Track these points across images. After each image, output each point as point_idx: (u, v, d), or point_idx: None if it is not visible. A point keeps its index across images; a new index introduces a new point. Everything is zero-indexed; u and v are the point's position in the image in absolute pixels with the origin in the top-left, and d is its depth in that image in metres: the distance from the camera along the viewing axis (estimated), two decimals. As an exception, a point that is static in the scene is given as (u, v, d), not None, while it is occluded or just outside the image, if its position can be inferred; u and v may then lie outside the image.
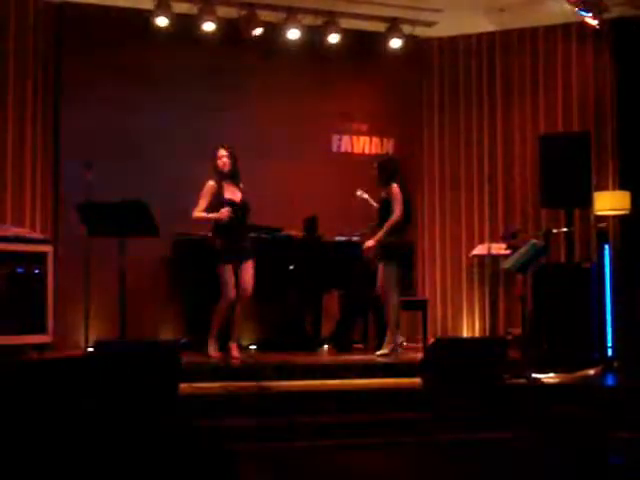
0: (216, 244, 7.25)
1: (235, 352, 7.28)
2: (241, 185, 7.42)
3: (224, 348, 7.38)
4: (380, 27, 9.62)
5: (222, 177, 7.36)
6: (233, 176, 7.39)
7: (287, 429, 5.07)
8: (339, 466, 4.55)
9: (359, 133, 9.89)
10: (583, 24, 8.98)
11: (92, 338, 7.27)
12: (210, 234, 7.47)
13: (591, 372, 7.08)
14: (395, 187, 7.78)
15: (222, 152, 7.41)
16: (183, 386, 5.53)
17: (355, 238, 8.60)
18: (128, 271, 6.99)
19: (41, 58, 8.75)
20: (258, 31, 9.10)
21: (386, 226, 7.71)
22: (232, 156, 7.40)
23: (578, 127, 9.47)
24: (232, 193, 7.34)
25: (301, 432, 5.04)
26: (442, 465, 4.62)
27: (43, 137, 8.73)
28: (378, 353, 7.66)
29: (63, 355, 7.37)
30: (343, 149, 9.81)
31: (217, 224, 7.26)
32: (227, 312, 7.22)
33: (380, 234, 7.72)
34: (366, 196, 8.25)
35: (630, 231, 9.07)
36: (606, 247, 8.52)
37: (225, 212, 7.15)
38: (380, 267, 7.77)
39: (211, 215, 7.25)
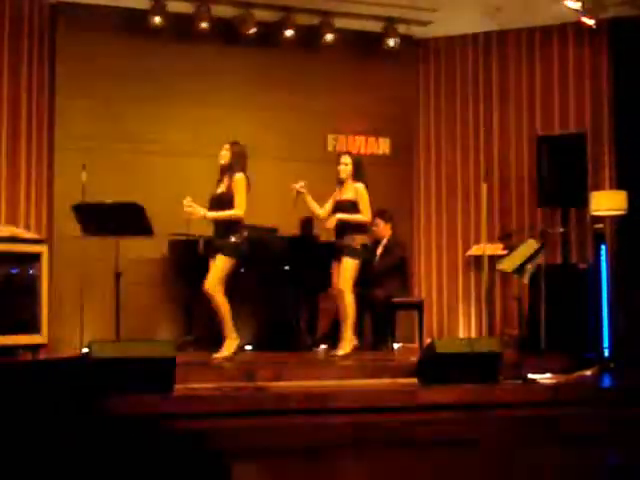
0: None
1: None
2: (229, 178, 7.17)
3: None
4: (376, 27, 9.62)
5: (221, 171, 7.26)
6: (228, 169, 7.23)
7: (284, 430, 5.05)
8: (338, 467, 4.54)
9: (355, 133, 9.88)
10: (580, 24, 8.98)
11: (87, 339, 7.24)
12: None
13: (587, 373, 7.06)
14: (363, 187, 7.60)
15: (224, 146, 7.28)
16: (178, 387, 5.50)
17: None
18: (125, 271, 6.98)
19: (36, 57, 8.74)
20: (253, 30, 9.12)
21: (355, 217, 7.48)
22: (231, 151, 7.23)
23: (575, 127, 9.47)
24: (218, 187, 7.25)
25: (297, 433, 5.02)
26: (439, 467, 4.61)
27: (38, 137, 8.72)
28: (340, 353, 7.53)
29: (57, 356, 7.34)
30: (339, 149, 9.78)
31: None
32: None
33: (345, 216, 7.47)
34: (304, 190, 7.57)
35: (626, 231, 9.06)
36: (602, 247, 8.50)
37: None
38: (343, 264, 7.47)
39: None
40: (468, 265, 9.86)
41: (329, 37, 9.38)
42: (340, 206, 7.61)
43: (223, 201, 7.09)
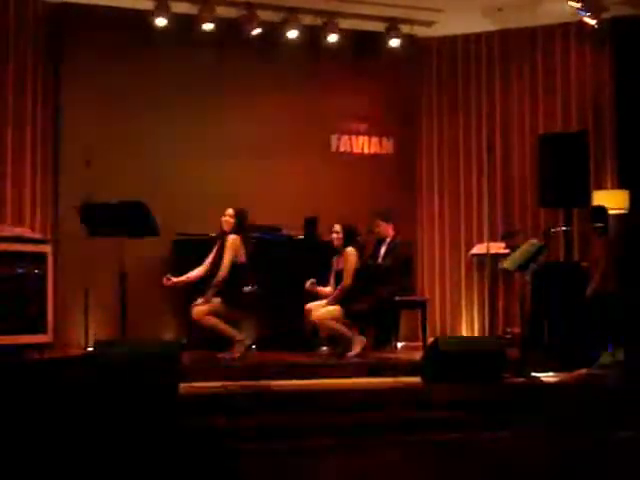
0: None
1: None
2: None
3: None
4: (379, 27, 9.63)
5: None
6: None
7: (287, 429, 5.08)
8: (339, 466, 4.56)
9: (358, 133, 9.90)
10: (582, 23, 9.00)
11: (92, 338, 7.29)
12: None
13: (590, 371, 7.08)
14: (351, 251, 7.75)
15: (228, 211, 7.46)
16: (183, 386, 5.54)
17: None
18: (128, 271, 7.01)
19: (41, 58, 8.77)
20: (257, 31, 9.14)
21: (337, 294, 7.69)
22: (235, 217, 7.45)
23: (577, 126, 9.49)
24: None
25: (301, 432, 5.06)
26: (442, 465, 4.63)
27: (43, 137, 8.75)
28: (352, 354, 7.63)
29: (63, 355, 7.39)
30: (342, 149, 9.83)
31: None
32: None
33: (331, 299, 7.69)
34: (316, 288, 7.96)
35: (629, 230, 9.07)
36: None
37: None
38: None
39: None
40: (471, 264, 9.88)
41: (333, 37, 9.41)
42: (341, 276, 7.81)
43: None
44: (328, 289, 7.92)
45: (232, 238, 7.31)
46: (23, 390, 4.81)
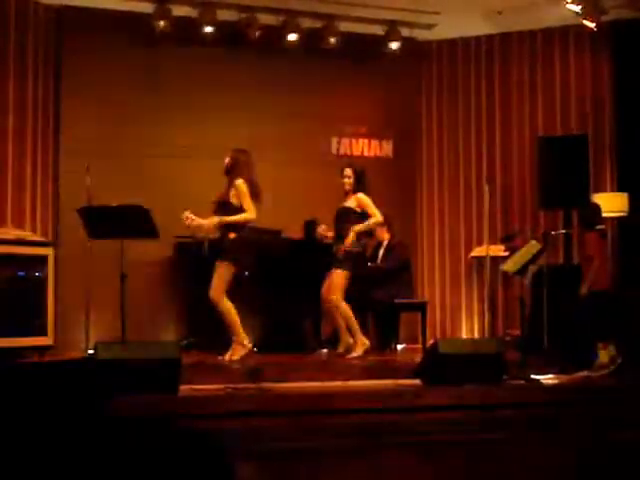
0: None
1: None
2: (229, 184, 7.31)
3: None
4: (379, 30, 9.66)
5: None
6: (227, 174, 7.35)
7: (287, 431, 5.09)
8: (339, 468, 4.57)
9: (358, 135, 9.93)
10: (581, 26, 9.02)
11: (93, 340, 7.29)
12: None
13: (590, 373, 7.09)
14: (363, 195, 7.70)
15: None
16: (183, 387, 5.54)
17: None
18: (129, 273, 7.02)
19: (41, 62, 8.81)
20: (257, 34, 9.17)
21: (368, 224, 7.63)
22: (230, 157, 7.37)
23: (576, 129, 9.52)
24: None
25: (300, 434, 5.06)
26: (442, 467, 4.64)
27: (43, 140, 8.78)
28: (353, 355, 7.62)
29: (64, 358, 7.39)
30: (342, 151, 9.86)
31: None
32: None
33: (362, 227, 7.60)
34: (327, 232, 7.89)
35: (628, 232, 9.09)
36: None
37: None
38: (332, 274, 7.64)
39: None
40: (471, 266, 9.91)
41: (332, 40, 9.43)
42: (339, 213, 7.72)
43: (220, 206, 7.22)
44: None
45: (238, 182, 7.17)
46: (23, 393, 4.82)
